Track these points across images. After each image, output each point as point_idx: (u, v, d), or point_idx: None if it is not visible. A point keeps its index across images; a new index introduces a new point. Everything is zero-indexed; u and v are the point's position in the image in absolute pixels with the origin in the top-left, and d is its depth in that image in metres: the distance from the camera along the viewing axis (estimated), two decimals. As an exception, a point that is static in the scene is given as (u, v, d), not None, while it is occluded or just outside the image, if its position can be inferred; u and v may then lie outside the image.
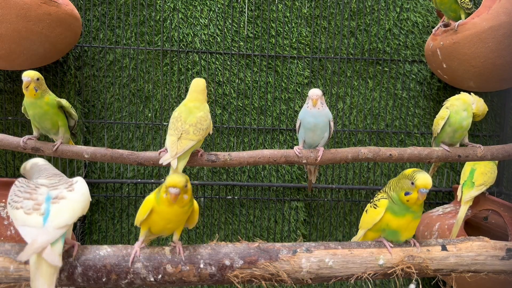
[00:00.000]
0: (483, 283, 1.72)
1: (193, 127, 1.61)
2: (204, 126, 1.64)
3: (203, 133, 1.62)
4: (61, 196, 1.25)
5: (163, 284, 1.32)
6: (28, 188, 1.26)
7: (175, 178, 1.24)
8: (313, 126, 1.72)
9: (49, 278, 1.14)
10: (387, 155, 1.81)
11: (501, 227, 2.12)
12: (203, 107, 1.69)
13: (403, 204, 1.38)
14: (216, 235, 2.41)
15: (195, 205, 1.37)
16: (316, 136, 1.76)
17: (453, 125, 1.81)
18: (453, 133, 1.83)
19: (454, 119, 1.81)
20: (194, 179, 2.40)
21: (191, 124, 1.61)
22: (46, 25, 1.85)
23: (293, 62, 2.39)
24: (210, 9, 2.34)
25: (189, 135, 1.59)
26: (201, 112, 1.66)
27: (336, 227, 2.48)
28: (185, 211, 1.31)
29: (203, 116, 1.65)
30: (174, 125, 1.62)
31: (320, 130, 1.74)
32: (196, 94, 1.71)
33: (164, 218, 1.31)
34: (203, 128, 1.63)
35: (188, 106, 1.68)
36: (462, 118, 1.81)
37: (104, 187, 2.38)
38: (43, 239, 1.15)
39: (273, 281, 1.37)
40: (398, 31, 2.43)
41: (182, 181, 1.24)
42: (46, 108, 1.68)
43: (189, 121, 1.62)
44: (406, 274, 1.40)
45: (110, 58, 2.33)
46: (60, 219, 1.20)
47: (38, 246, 1.13)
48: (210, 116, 1.70)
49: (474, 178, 2.07)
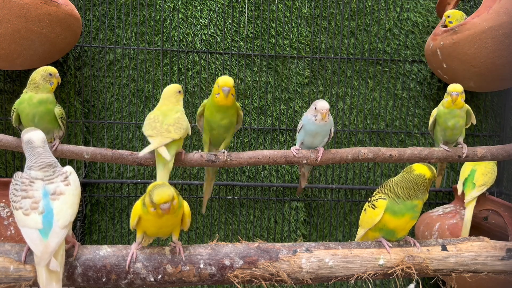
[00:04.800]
0: (483, 283, 1.72)
1: (173, 126, 1.63)
2: (183, 126, 1.67)
3: (183, 131, 1.66)
4: (59, 192, 1.23)
5: (163, 284, 1.32)
6: (23, 185, 1.23)
7: (164, 193, 1.21)
8: (316, 133, 1.76)
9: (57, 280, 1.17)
10: (387, 155, 1.80)
11: (501, 227, 2.12)
12: (177, 109, 1.72)
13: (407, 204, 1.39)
14: (216, 235, 2.41)
15: (186, 209, 1.35)
16: (316, 141, 1.79)
17: (441, 124, 1.82)
18: (444, 131, 1.83)
19: (440, 118, 1.81)
20: (194, 179, 2.41)
21: (170, 124, 1.64)
22: (46, 25, 1.85)
23: (293, 62, 2.39)
24: (210, 9, 2.34)
25: (171, 133, 1.62)
26: (178, 113, 1.70)
27: (336, 227, 2.48)
28: (174, 216, 1.29)
29: (180, 117, 1.69)
30: (151, 125, 1.65)
31: (321, 136, 1.78)
32: (166, 100, 1.74)
33: (153, 225, 1.31)
34: (183, 127, 1.66)
35: (162, 110, 1.71)
36: (446, 118, 1.79)
37: (104, 187, 2.38)
38: (54, 242, 1.16)
39: (273, 281, 1.37)
40: (398, 31, 2.43)
41: (171, 194, 1.22)
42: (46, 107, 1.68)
43: (167, 121, 1.65)
44: (406, 274, 1.40)
45: (110, 58, 2.33)
46: (65, 218, 1.20)
47: (52, 249, 1.15)
48: (186, 117, 1.73)
49: (475, 178, 2.07)
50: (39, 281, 1.16)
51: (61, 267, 1.19)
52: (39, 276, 1.16)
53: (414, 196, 1.40)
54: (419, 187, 1.39)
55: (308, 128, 1.75)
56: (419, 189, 1.39)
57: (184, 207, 1.34)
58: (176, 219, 1.31)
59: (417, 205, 1.40)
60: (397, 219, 1.40)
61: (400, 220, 1.40)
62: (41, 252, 1.13)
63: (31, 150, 1.30)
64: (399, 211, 1.39)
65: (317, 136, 1.76)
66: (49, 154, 1.32)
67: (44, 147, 1.32)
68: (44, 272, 1.14)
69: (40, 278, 1.15)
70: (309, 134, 1.76)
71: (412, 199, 1.40)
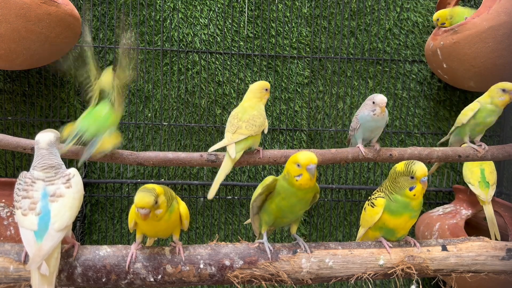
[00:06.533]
0: (483, 283, 1.71)
1: (246, 123, 1.72)
2: (257, 123, 1.73)
3: (256, 129, 1.72)
4: (59, 194, 1.22)
5: (163, 284, 1.32)
6: (25, 185, 1.23)
7: (142, 198, 1.18)
8: (376, 128, 1.81)
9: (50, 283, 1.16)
10: (387, 155, 1.81)
11: (501, 227, 2.12)
12: (257, 107, 1.79)
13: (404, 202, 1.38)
14: (216, 235, 2.41)
15: (183, 210, 1.33)
16: (374, 134, 1.84)
17: (478, 119, 1.83)
18: (474, 126, 1.85)
19: (482, 114, 1.82)
20: (194, 179, 2.40)
21: (244, 121, 1.73)
22: (46, 25, 1.85)
23: (293, 62, 2.39)
24: (210, 9, 2.34)
25: (241, 129, 1.71)
26: (255, 111, 1.77)
27: (336, 227, 2.48)
28: (165, 221, 1.28)
29: (256, 115, 1.75)
30: (231, 122, 1.77)
31: (378, 131, 1.83)
32: (251, 94, 1.84)
33: (148, 228, 1.31)
34: (256, 124, 1.72)
35: (244, 106, 1.81)
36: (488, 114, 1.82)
37: (104, 187, 2.38)
38: (48, 246, 1.14)
39: (273, 281, 1.36)
40: (398, 31, 2.43)
41: (150, 201, 1.18)
42: None
43: (243, 118, 1.74)
44: (406, 275, 1.40)
45: (110, 58, 2.33)
46: (61, 221, 1.18)
47: (45, 253, 1.13)
48: (264, 114, 1.80)
49: (486, 178, 2.08)
50: (32, 283, 1.15)
51: (55, 270, 1.18)
52: (32, 278, 1.15)
53: (393, 191, 1.40)
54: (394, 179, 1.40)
55: (368, 125, 1.79)
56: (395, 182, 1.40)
57: (181, 209, 1.33)
58: (170, 222, 1.30)
59: (410, 203, 1.38)
60: (396, 218, 1.40)
61: (398, 219, 1.40)
62: (33, 255, 1.12)
63: (37, 150, 1.31)
64: (396, 210, 1.39)
65: (374, 131, 1.82)
66: (54, 156, 1.31)
67: (48, 149, 1.31)
68: (36, 275, 1.14)
69: (33, 280, 1.15)
70: (368, 131, 1.81)
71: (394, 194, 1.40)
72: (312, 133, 2.43)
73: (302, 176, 1.27)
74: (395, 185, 1.40)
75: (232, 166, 1.70)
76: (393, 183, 1.40)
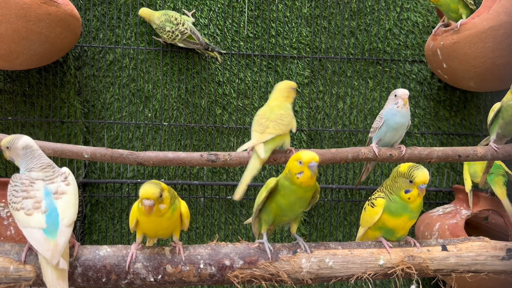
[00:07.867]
0: (483, 283, 1.72)
1: (273, 122, 1.70)
2: (285, 122, 1.72)
3: (283, 128, 1.70)
4: (61, 191, 1.24)
5: (163, 284, 1.32)
6: (23, 186, 1.23)
7: (149, 189, 1.20)
8: (401, 125, 1.79)
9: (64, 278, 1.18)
10: (387, 155, 1.81)
11: (501, 227, 2.12)
12: (283, 106, 1.78)
13: (402, 203, 1.38)
14: (216, 235, 2.41)
15: (184, 210, 1.33)
16: (397, 136, 1.82)
17: (505, 118, 1.80)
18: (505, 125, 1.81)
19: (505, 112, 1.79)
20: (194, 179, 2.40)
21: (272, 120, 1.71)
22: (46, 25, 1.85)
23: (293, 62, 2.39)
24: (210, 9, 2.34)
25: (269, 129, 1.69)
26: (282, 110, 1.75)
27: (336, 227, 2.48)
28: (167, 218, 1.28)
29: (283, 114, 1.74)
30: (258, 122, 1.75)
31: (402, 129, 1.81)
32: (278, 93, 1.82)
33: (149, 227, 1.31)
34: (283, 123, 1.71)
35: (270, 105, 1.79)
36: None
37: (104, 187, 2.38)
38: (63, 241, 1.16)
39: (273, 281, 1.37)
40: (398, 31, 2.43)
41: (155, 192, 1.19)
42: None
43: (271, 117, 1.72)
44: (406, 274, 1.40)
45: (110, 58, 2.33)
46: (69, 217, 1.21)
47: (61, 248, 1.15)
48: (292, 114, 1.78)
49: None
50: (46, 281, 1.16)
51: (67, 265, 1.19)
52: (45, 276, 1.16)
53: (392, 191, 1.40)
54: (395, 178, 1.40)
55: (392, 122, 1.78)
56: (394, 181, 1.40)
57: (182, 208, 1.33)
58: (172, 220, 1.30)
59: (407, 205, 1.38)
60: (395, 218, 1.40)
61: (398, 219, 1.40)
62: (51, 251, 1.13)
63: (31, 153, 1.30)
64: (396, 210, 1.39)
65: (399, 130, 1.79)
66: (46, 156, 1.34)
67: (39, 149, 1.33)
68: (50, 271, 1.15)
69: (46, 277, 1.15)
70: (392, 129, 1.79)
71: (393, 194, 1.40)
72: (312, 133, 2.43)
73: (303, 174, 1.29)
74: (394, 184, 1.40)
75: (261, 166, 1.68)
76: (393, 182, 1.41)
